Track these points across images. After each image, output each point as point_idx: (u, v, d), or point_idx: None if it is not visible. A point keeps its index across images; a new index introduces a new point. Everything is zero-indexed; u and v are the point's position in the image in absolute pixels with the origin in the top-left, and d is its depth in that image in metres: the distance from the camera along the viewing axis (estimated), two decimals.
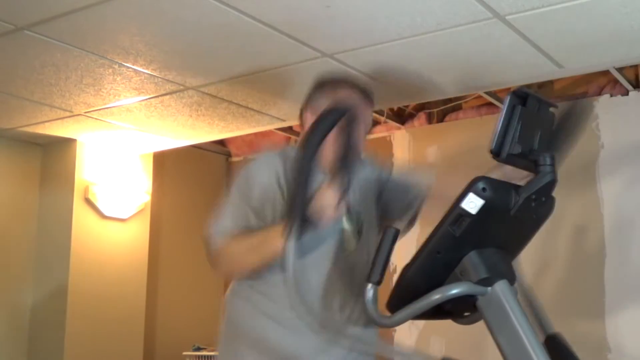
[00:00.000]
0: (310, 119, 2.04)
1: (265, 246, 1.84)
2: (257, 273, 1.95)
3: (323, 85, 2.10)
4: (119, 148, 4.55)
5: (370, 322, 1.91)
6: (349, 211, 2.02)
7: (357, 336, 2.02)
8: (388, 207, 2.15)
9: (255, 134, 4.62)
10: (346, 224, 2.04)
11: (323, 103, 1.97)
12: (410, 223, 2.14)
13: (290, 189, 1.66)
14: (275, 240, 1.74)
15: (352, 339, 2.01)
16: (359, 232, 2.06)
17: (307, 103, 2.10)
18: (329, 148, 1.71)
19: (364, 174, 2.12)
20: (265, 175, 1.98)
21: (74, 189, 4.32)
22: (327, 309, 1.96)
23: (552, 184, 1.50)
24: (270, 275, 1.93)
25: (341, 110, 1.63)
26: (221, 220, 1.98)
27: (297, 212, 1.60)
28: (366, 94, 2.09)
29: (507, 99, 1.46)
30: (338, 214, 1.76)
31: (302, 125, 2.13)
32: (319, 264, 1.96)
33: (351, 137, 1.68)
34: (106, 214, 4.44)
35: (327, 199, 1.73)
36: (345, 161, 1.71)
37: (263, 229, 1.91)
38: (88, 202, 4.37)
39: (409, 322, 1.53)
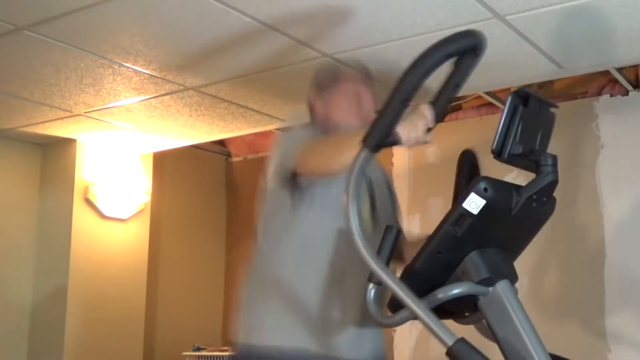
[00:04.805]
0: (320, 105, 2.17)
1: (345, 144, 1.73)
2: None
3: (334, 78, 2.21)
4: (119, 148, 4.55)
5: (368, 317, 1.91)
6: (372, 195, 2.05)
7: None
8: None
9: (255, 134, 4.61)
10: (364, 207, 2.03)
11: (333, 94, 2.16)
12: None
13: (385, 103, 1.60)
14: (353, 145, 1.62)
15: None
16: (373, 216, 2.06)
17: (318, 93, 2.21)
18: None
19: (376, 173, 2.13)
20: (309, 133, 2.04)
21: (74, 189, 4.32)
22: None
23: (553, 184, 1.50)
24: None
25: (456, 49, 1.55)
26: (290, 145, 1.96)
27: (383, 126, 1.56)
28: (368, 75, 2.23)
29: (509, 99, 1.46)
30: (419, 143, 1.66)
31: (311, 110, 2.23)
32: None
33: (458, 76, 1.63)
34: (106, 214, 4.44)
35: (414, 126, 1.63)
36: (446, 99, 1.66)
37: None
38: (88, 202, 4.37)
39: (410, 322, 1.53)
